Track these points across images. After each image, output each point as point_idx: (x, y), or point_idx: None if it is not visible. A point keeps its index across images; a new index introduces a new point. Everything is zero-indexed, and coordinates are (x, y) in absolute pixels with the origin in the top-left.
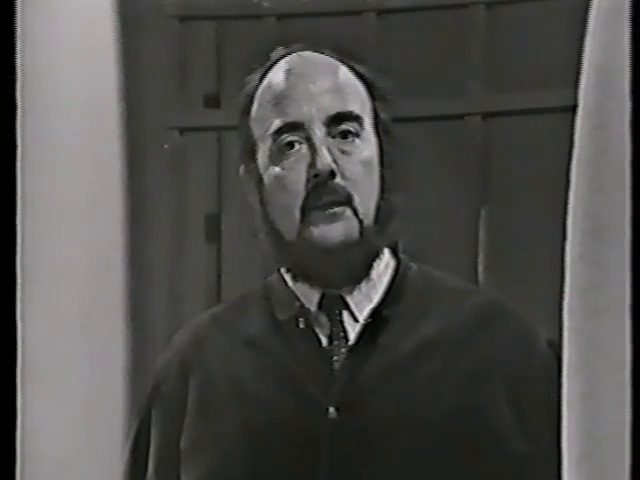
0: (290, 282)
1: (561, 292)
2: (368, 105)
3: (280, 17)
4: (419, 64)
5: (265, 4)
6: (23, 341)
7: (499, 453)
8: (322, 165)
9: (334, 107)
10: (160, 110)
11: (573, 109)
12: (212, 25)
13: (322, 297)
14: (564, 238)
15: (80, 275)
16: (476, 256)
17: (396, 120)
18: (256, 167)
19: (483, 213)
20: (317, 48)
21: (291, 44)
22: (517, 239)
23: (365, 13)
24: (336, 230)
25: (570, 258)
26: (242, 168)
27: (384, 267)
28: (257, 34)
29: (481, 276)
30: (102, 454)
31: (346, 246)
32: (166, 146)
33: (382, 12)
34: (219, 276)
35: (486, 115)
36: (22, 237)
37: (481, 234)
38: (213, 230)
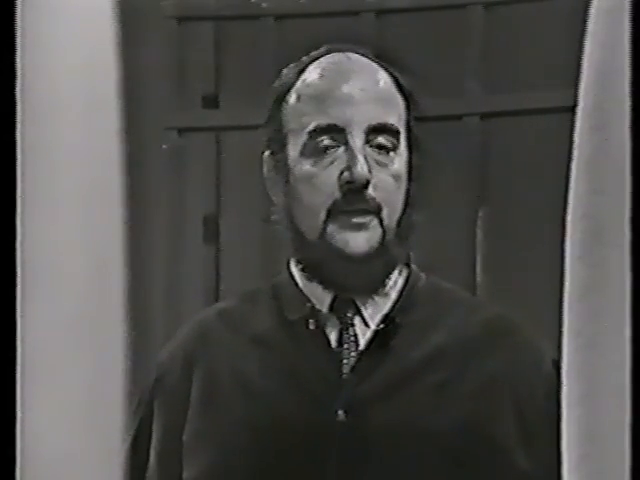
0: (301, 282)
1: (560, 293)
2: (404, 118)
3: (278, 17)
4: (417, 65)
5: (263, 5)
6: (23, 341)
7: (502, 467)
8: (358, 174)
9: (376, 118)
10: (159, 110)
11: (573, 109)
12: (211, 26)
13: (334, 299)
14: (563, 239)
15: (79, 275)
16: (474, 256)
17: None
18: (285, 158)
19: (481, 213)
20: (361, 49)
21: (335, 43)
22: (515, 239)
23: (363, 13)
24: (360, 239)
25: (569, 259)
26: (267, 154)
27: (397, 275)
28: (255, 35)
29: (479, 277)
30: (102, 454)
31: (367, 256)
32: (165, 146)
33: (380, 12)
34: (217, 276)
35: (484, 115)
36: (22, 237)
37: (479, 234)
38: (211, 231)
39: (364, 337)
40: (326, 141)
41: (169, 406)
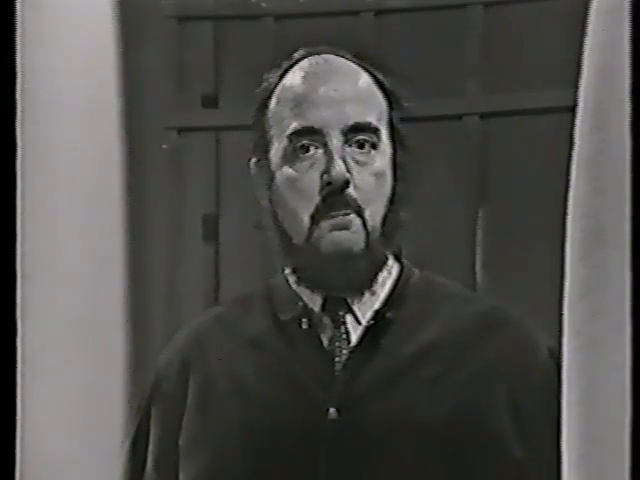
0: (294, 284)
1: (560, 293)
2: (386, 116)
3: (278, 17)
4: (417, 65)
5: (263, 4)
6: (23, 341)
7: (498, 458)
8: (336, 174)
9: (353, 117)
10: (158, 110)
11: (573, 109)
12: (210, 25)
13: (325, 300)
14: (564, 238)
15: (79, 275)
16: (474, 256)
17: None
18: (268, 164)
19: (481, 213)
20: (339, 51)
21: (314, 45)
22: (515, 239)
23: (363, 13)
24: (343, 238)
25: (570, 259)
26: (253, 161)
27: (387, 272)
28: (255, 34)
29: (479, 276)
30: (102, 454)
31: (352, 256)
32: (164, 146)
33: (380, 12)
34: (217, 276)
35: (484, 115)
36: (22, 237)
37: (479, 234)
38: (211, 230)
39: (356, 334)
40: (305, 144)
41: (166, 411)
